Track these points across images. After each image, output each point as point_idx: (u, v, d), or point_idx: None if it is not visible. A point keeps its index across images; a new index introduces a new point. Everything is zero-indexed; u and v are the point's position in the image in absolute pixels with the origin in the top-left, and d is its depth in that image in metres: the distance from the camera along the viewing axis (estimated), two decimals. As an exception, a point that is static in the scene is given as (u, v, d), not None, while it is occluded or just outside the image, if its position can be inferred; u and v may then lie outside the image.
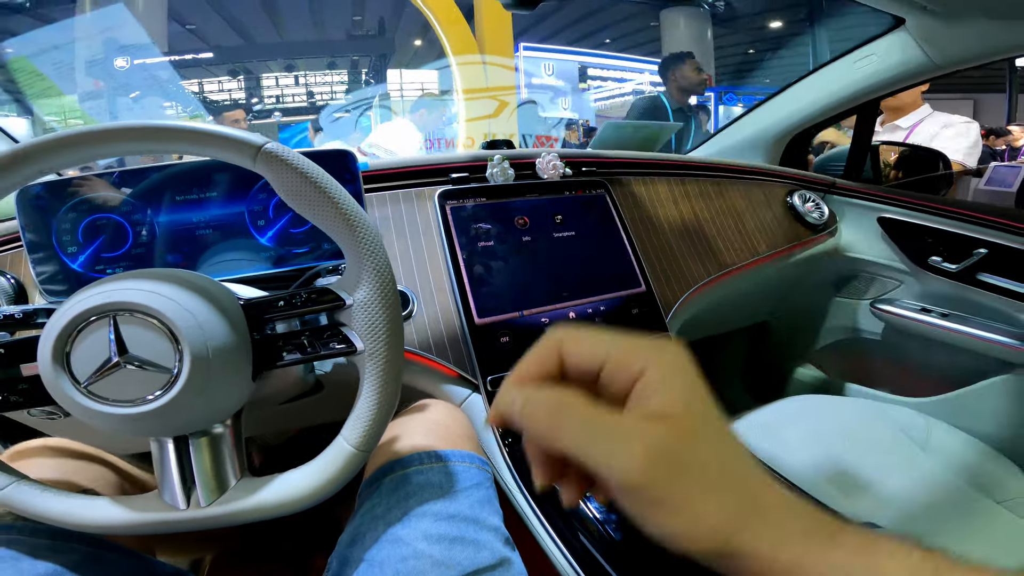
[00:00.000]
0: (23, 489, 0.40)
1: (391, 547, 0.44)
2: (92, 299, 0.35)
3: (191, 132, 0.38)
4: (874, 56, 1.03)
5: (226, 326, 0.38)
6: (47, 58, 2.74)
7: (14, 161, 0.37)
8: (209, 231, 0.62)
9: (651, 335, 0.26)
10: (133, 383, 0.35)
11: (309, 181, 0.38)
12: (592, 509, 0.58)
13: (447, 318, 0.71)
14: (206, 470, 0.40)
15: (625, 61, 7.30)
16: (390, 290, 0.40)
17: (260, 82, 7.14)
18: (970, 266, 1.01)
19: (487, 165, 0.81)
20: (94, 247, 0.61)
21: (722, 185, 1.04)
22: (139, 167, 0.62)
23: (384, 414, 0.41)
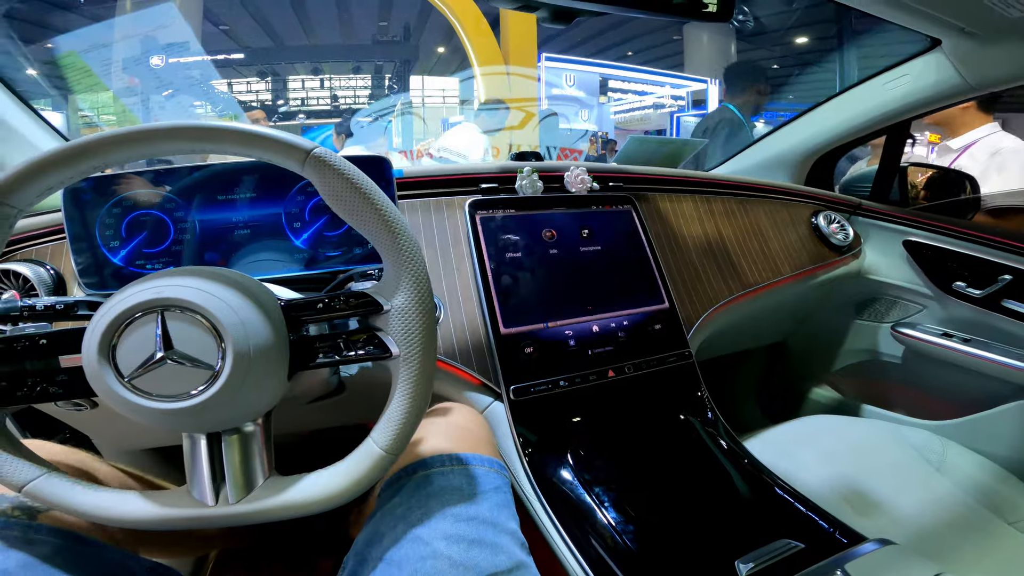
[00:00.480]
0: (53, 481, 0.40)
1: (410, 546, 0.45)
2: (142, 294, 0.36)
3: (243, 134, 0.39)
4: (907, 77, 1.02)
5: (267, 326, 0.39)
6: (96, 55, 2.82)
7: (73, 155, 0.38)
8: (246, 231, 0.64)
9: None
10: (175, 379, 0.36)
11: (355, 187, 0.39)
12: (608, 517, 0.58)
13: (473, 327, 0.72)
14: (235, 468, 0.40)
15: (646, 74, 7.29)
16: (427, 298, 0.41)
17: (287, 84, 7.26)
18: (994, 292, 0.99)
19: (516, 176, 0.83)
20: (136, 242, 0.63)
21: (747, 204, 1.04)
22: (179, 166, 0.64)
23: (414, 419, 0.41)
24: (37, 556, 0.41)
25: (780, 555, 0.53)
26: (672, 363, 0.79)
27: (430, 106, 4.13)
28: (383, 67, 7.53)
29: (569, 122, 4.86)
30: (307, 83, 7.20)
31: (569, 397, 0.72)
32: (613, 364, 0.75)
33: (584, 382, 0.73)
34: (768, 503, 0.63)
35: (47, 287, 0.65)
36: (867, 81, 1.10)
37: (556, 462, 0.65)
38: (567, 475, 0.64)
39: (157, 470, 0.96)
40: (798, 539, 0.55)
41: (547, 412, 0.70)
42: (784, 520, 0.60)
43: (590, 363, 0.74)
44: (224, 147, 0.39)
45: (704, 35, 6.79)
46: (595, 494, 0.61)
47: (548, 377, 0.71)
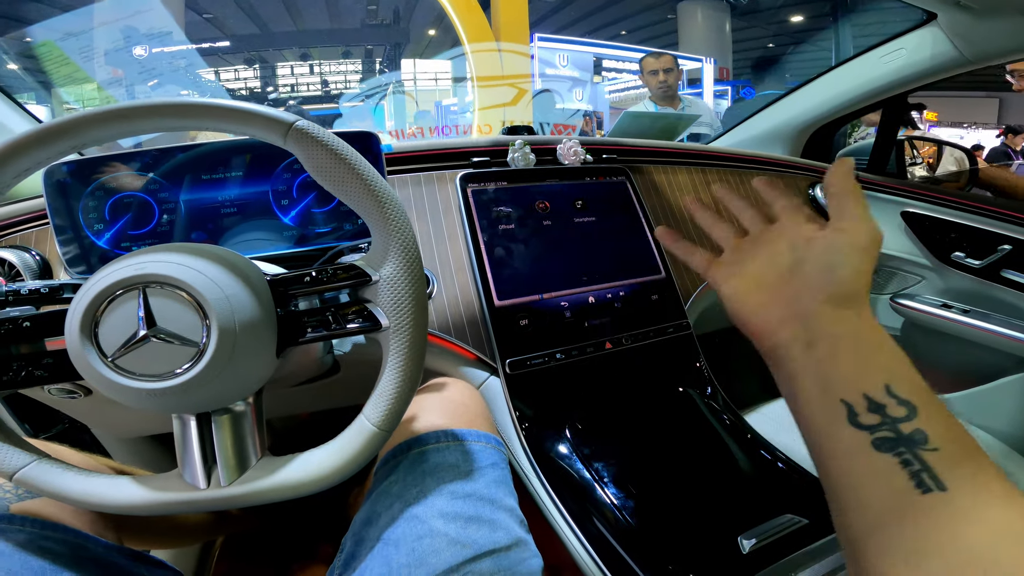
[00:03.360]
0: (44, 468, 0.39)
1: (407, 525, 0.44)
2: (122, 271, 0.35)
3: (224, 109, 0.38)
4: (903, 50, 1.01)
5: (253, 301, 0.38)
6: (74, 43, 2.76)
7: (48, 136, 0.37)
8: (233, 210, 0.63)
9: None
10: (160, 357, 0.35)
11: (339, 158, 0.38)
12: (608, 493, 0.58)
13: (467, 300, 0.71)
14: (227, 449, 0.40)
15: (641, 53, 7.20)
16: (416, 267, 0.40)
17: (275, 71, 7.16)
18: (994, 262, 0.99)
19: (508, 150, 0.81)
20: (120, 224, 0.62)
21: (743, 175, 1.03)
22: (166, 147, 0.62)
23: (407, 393, 0.41)
24: (11, 543, 0.41)
25: (783, 530, 0.53)
26: (670, 334, 0.78)
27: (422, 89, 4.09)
28: (373, 51, 7.43)
29: (563, 101, 4.81)
30: (296, 69, 7.10)
31: (566, 370, 0.71)
32: (610, 336, 0.75)
33: (581, 354, 0.72)
34: (770, 478, 0.63)
35: (33, 272, 0.64)
36: (863, 55, 1.09)
37: (554, 437, 0.65)
38: (565, 450, 0.63)
39: (158, 458, 0.96)
40: (801, 514, 0.55)
41: (544, 386, 0.69)
42: (787, 495, 0.60)
43: (587, 335, 0.74)
44: (205, 123, 0.38)
45: (698, 13, 6.70)
46: (594, 469, 0.61)
47: (544, 350, 0.70)
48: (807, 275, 0.32)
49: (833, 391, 0.29)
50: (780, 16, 7.44)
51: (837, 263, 0.32)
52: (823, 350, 0.30)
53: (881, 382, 0.28)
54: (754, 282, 0.36)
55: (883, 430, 0.26)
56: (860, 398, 0.28)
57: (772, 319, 0.33)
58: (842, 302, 0.31)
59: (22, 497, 0.45)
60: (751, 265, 0.36)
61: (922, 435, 0.26)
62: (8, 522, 0.42)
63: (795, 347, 0.31)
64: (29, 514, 0.43)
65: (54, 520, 0.44)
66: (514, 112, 3.21)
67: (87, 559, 0.44)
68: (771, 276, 0.35)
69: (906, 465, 0.25)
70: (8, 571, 0.39)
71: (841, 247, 0.32)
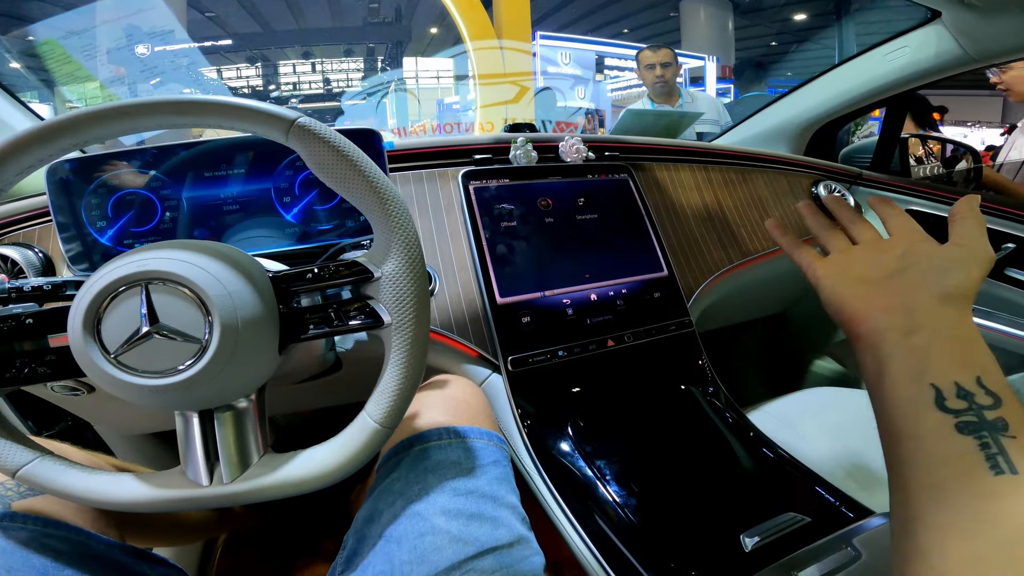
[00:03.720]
0: (47, 465, 0.39)
1: (409, 522, 0.44)
2: (125, 267, 0.35)
3: (226, 106, 0.38)
4: (907, 48, 1.01)
5: (255, 297, 0.38)
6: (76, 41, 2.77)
7: (50, 133, 0.37)
8: (236, 207, 0.63)
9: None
10: (163, 353, 0.35)
11: (341, 155, 0.38)
12: (610, 491, 0.58)
13: (469, 297, 0.71)
14: (229, 446, 0.40)
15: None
16: (418, 263, 0.40)
17: (277, 69, 7.16)
18: (998, 261, 0.99)
19: (510, 147, 0.81)
20: (123, 222, 0.62)
21: (746, 173, 1.03)
22: (169, 144, 0.62)
23: (409, 389, 0.40)
24: (13, 541, 0.41)
25: (786, 529, 0.53)
26: (672, 332, 0.78)
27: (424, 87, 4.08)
28: (375, 49, 7.42)
29: (565, 99, 4.81)
30: (298, 68, 7.10)
31: (568, 367, 0.71)
32: (612, 333, 0.74)
33: (583, 352, 0.72)
34: (772, 476, 0.63)
35: (36, 269, 0.65)
36: (867, 52, 1.09)
37: (556, 434, 0.65)
38: (567, 447, 0.63)
39: (160, 455, 0.96)
40: (804, 513, 0.55)
41: (546, 383, 0.69)
42: (789, 493, 0.60)
43: (589, 332, 0.73)
44: (207, 120, 0.38)
45: (701, 11, 6.68)
46: (596, 467, 0.61)
47: (546, 347, 0.70)
48: (919, 274, 0.35)
49: (925, 376, 0.31)
50: (783, 14, 7.42)
51: (951, 268, 0.34)
52: (922, 338, 0.32)
53: (973, 374, 0.30)
54: (857, 278, 0.38)
55: (968, 415, 0.28)
56: (951, 384, 0.30)
57: (875, 306, 0.35)
58: (949, 301, 0.33)
59: (24, 495, 0.45)
60: (856, 267, 0.39)
61: (1004, 423, 0.28)
62: (10, 520, 0.42)
63: (893, 333, 0.33)
64: (31, 512, 0.43)
65: (56, 518, 0.44)
66: (516, 110, 3.21)
67: (89, 557, 0.44)
68: (877, 275, 0.37)
69: (984, 448, 0.27)
70: (10, 569, 0.39)
71: (957, 256, 0.35)
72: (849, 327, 0.36)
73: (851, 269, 0.39)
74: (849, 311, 0.36)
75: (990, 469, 0.26)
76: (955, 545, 0.26)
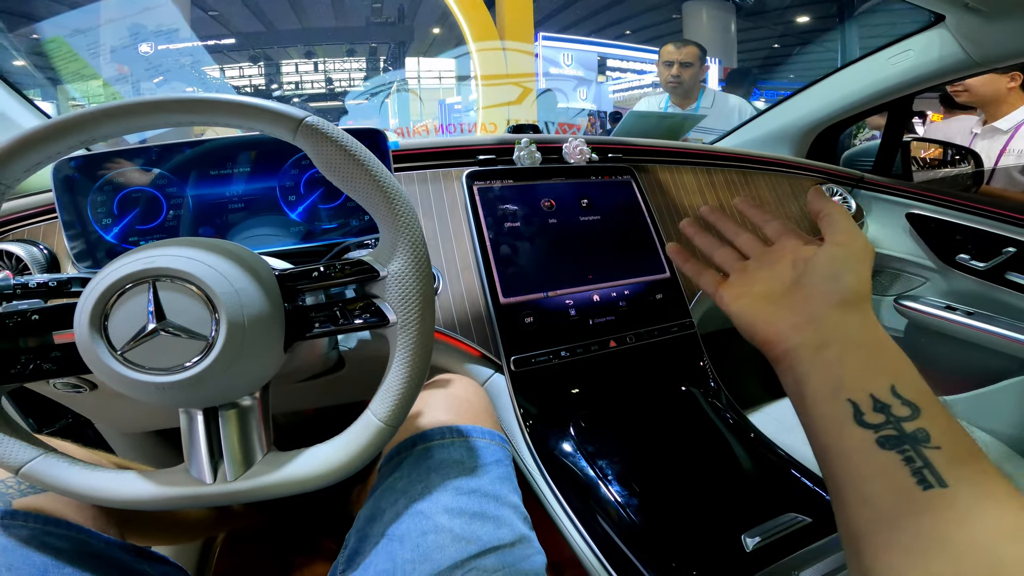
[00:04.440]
0: (50, 462, 0.39)
1: (412, 521, 0.45)
2: (133, 264, 0.35)
3: (234, 105, 0.38)
4: (911, 52, 1.01)
5: (262, 295, 0.38)
6: (82, 39, 2.77)
7: (59, 130, 0.37)
8: (241, 205, 0.63)
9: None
10: (169, 350, 0.35)
11: (348, 154, 0.38)
12: (612, 491, 0.58)
13: (472, 297, 0.71)
14: (233, 444, 0.40)
15: (645, 53, 7.19)
16: (424, 263, 0.40)
17: (280, 68, 7.16)
18: (999, 265, 0.99)
19: (514, 148, 0.81)
20: (128, 219, 0.62)
21: (749, 176, 1.03)
22: (174, 142, 0.63)
23: (413, 388, 0.41)
24: (14, 538, 0.41)
25: (787, 529, 0.53)
26: (674, 333, 0.78)
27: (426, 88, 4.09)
28: (378, 49, 7.42)
29: (568, 100, 4.82)
30: (301, 67, 7.10)
31: (570, 368, 0.71)
32: (614, 334, 0.75)
33: (585, 352, 0.72)
34: (773, 476, 0.63)
35: (40, 266, 0.65)
36: (870, 56, 1.09)
37: (558, 434, 0.65)
38: (569, 447, 0.64)
39: (161, 454, 0.97)
40: (804, 513, 0.55)
41: (548, 383, 0.69)
42: (789, 494, 0.60)
43: (591, 333, 0.74)
44: (216, 119, 0.38)
45: (704, 13, 6.68)
46: (598, 467, 0.61)
47: (549, 347, 0.71)
48: (814, 285, 0.34)
49: (841, 392, 0.30)
50: (786, 17, 7.41)
51: (840, 272, 0.34)
52: (832, 353, 0.31)
53: (887, 383, 0.29)
54: (762, 298, 0.37)
55: (887, 428, 0.27)
56: (866, 398, 0.29)
57: (783, 326, 0.34)
58: (849, 306, 0.32)
59: (25, 493, 0.45)
60: (757, 286, 0.38)
61: (924, 434, 0.27)
62: (11, 518, 0.42)
63: (805, 350, 0.32)
64: (32, 510, 0.44)
65: (57, 516, 0.44)
66: (518, 111, 3.22)
67: (90, 555, 0.44)
68: (778, 291, 0.36)
69: (909, 462, 0.26)
70: (10, 566, 0.39)
71: (842, 258, 0.34)
72: (766, 350, 0.36)
73: (753, 289, 0.38)
74: (761, 336, 0.36)
75: (918, 484, 0.25)
76: (901, 565, 0.25)
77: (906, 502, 0.25)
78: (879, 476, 0.27)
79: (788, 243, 0.38)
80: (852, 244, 0.35)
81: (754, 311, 0.37)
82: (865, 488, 0.27)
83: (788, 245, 0.38)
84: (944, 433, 0.27)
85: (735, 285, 0.40)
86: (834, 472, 0.29)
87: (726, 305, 0.39)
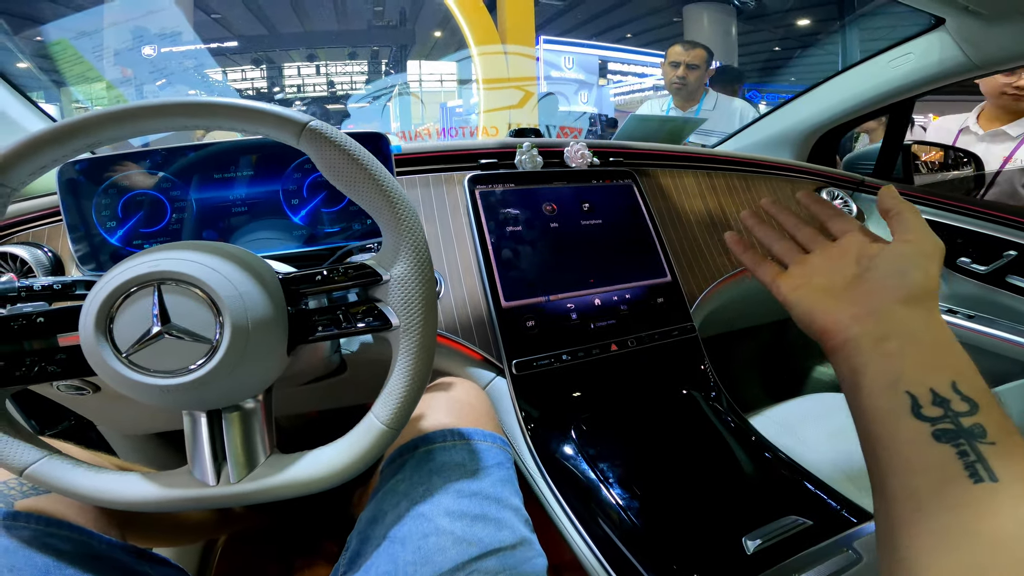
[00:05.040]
0: (54, 464, 0.39)
1: (413, 523, 0.45)
2: (138, 268, 0.35)
3: (239, 108, 0.38)
4: (911, 55, 1.02)
5: (265, 298, 0.38)
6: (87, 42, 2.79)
7: (65, 134, 0.37)
8: (244, 209, 0.63)
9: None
10: (173, 353, 0.35)
11: (351, 158, 0.38)
12: (613, 494, 0.58)
13: (474, 301, 0.72)
14: (237, 446, 0.40)
15: (646, 56, 7.20)
16: (426, 267, 0.41)
17: (282, 71, 7.18)
18: (1000, 268, 0.99)
19: (515, 152, 0.82)
20: (132, 222, 0.62)
21: (749, 180, 1.03)
22: (178, 146, 0.63)
23: (416, 392, 0.41)
24: (16, 540, 0.41)
25: (787, 532, 0.53)
26: (675, 337, 0.78)
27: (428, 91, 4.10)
28: (379, 52, 7.44)
29: (569, 103, 4.83)
30: (303, 70, 7.12)
31: (572, 371, 0.71)
32: (616, 338, 0.75)
33: (587, 356, 0.72)
34: (774, 480, 0.63)
35: (45, 269, 0.65)
36: (870, 59, 1.09)
37: (559, 438, 0.65)
38: (570, 451, 0.64)
39: (164, 456, 0.97)
40: (805, 516, 0.55)
41: (550, 387, 0.70)
42: (791, 497, 0.60)
43: (592, 337, 0.74)
44: (219, 122, 0.39)
45: (704, 16, 6.69)
46: (599, 470, 0.61)
47: (550, 351, 0.71)
48: (879, 279, 0.35)
49: (900, 384, 0.30)
50: (787, 20, 7.42)
51: (909, 268, 0.34)
52: (894, 345, 0.32)
53: (948, 379, 0.29)
54: (821, 290, 0.38)
55: (944, 422, 0.28)
56: (926, 392, 0.29)
57: (844, 316, 0.35)
58: (915, 302, 0.33)
59: (27, 494, 0.45)
60: (817, 278, 0.39)
61: (981, 429, 0.27)
62: (13, 519, 0.42)
63: (865, 341, 0.33)
64: (34, 511, 0.44)
65: (58, 517, 0.44)
66: (520, 115, 3.22)
67: (91, 556, 0.44)
68: (839, 284, 0.37)
69: (962, 456, 0.27)
70: (12, 568, 0.39)
71: (911, 255, 0.35)
72: (823, 340, 0.36)
73: (813, 281, 0.38)
74: (820, 325, 0.36)
75: (969, 478, 0.26)
76: (938, 556, 0.25)
77: (955, 495, 0.26)
78: (930, 469, 0.27)
79: (854, 239, 0.39)
80: (923, 242, 0.35)
81: (812, 301, 0.37)
82: (914, 480, 0.28)
83: (854, 241, 0.39)
84: (1000, 430, 0.27)
85: (794, 276, 0.40)
86: (882, 463, 0.30)
87: (783, 295, 0.40)
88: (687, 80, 2.03)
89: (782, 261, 0.43)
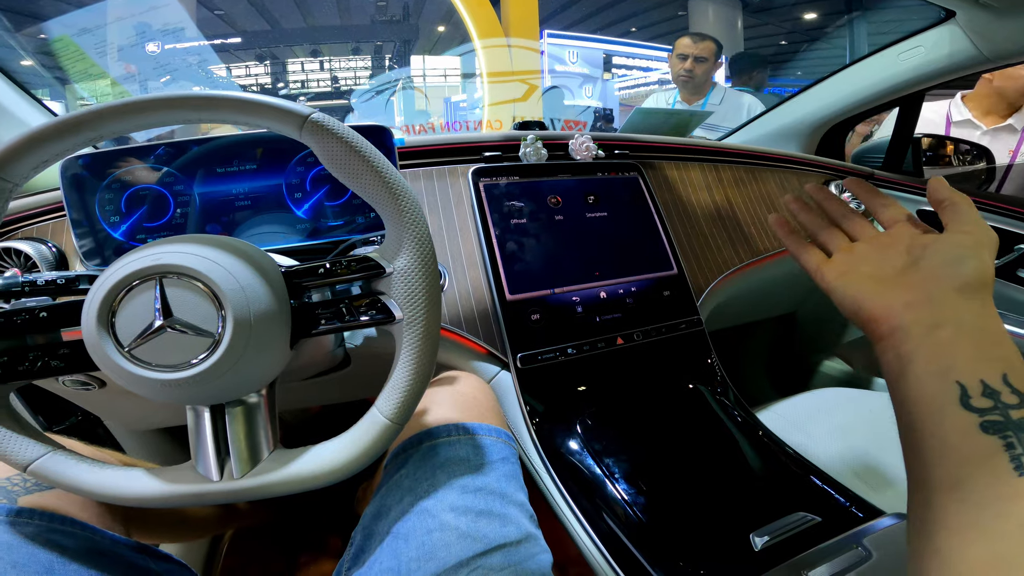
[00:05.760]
0: (59, 459, 0.39)
1: (417, 519, 0.45)
2: (140, 261, 0.35)
3: (240, 101, 0.38)
4: (921, 48, 1.00)
5: (268, 292, 0.38)
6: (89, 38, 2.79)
7: (68, 128, 0.37)
8: (247, 203, 0.63)
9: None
10: (176, 347, 0.35)
11: (354, 150, 0.38)
12: (619, 489, 0.58)
13: (478, 294, 0.71)
14: (240, 441, 0.40)
15: (651, 50, 7.16)
16: (430, 259, 0.40)
17: (286, 67, 7.18)
18: (1011, 262, 0.98)
19: (520, 145, 0.81)
20: (136, 217, 0.62)
21: (757, 172, 1.02)
22: (181, 140, 0.63)
23: (419, 385, 0.40)
24: (20, 536, 0.41)
25: (796, 528, 0.53)
26: (682, 330, 0.78)
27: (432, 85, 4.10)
28: (383, 47, 7.43)
29: (573, 97, 4.82)
30: (306, 66, 7.12)
31: (577, 365, 0.71)
32: (622, 331, 0.74)
33: (592, 349, 0.72)
34: (782, 475, 0.62)
35: (49, 264, 0.65)
36: (880, 52, 1.08)
37: (564, 432, 0.65)
38: (575, 445, 0.63)
39: (170, 452, 0.97)
40: (814, 512, 0.55)
41: (555, 381, 0.69)
42: (799, 493, 0.59)
43: (598, 330, 0.73)
44: (220, 115, 0.38)
45: (710, 10, 6.64)
46: (605, 465, 0.61)
47: (555, 345, 0.70)
48: (934, 268, 0.34)
49: (950, 373, 0.30)
50: (794, 13, 7.36)
51: (964, 256, 0.33)
52: (946, 334, 0.31)
53: (999, 371, 0.29)
54: (869, 278, 0.37)
55: (993, 414, 0.28)
56: (976, 383, 0.29)
57: (896, 303, 0.34)
58: (970, 292, 0.32)
59: (30, 490, 0.45)
60: (865, 267, 0.38)
61: None
62: (17, 515, 0.42)
63: (917, 328, 0.32)
64: (38, 507, 0.44)
65: (62, 513, 0.44)
66: (524, 108, 3.21)
67: (95, 552, 0.44)
68: (888, 273, 0.36)
69: (1009, 448, 0.26)
70: (16, 564, 0.39)
71: (967, 244, 0.34)
72: (871, 328, 0.36)
73: (861, 268, 0.38)
74: (868, 311, 0.35)
75: (1015, 470, 0.26)
76: (976, 546, 0.25)
77: (998, 486, 0.26)
78: (975, 460, 0.27)
79: (905, 230, 0.38)
80: (978, 233, 0.34)
81: (860, 288, 0.37)
82: (958, 470, 0.28)
83: (905, 231, 0.38)
84: None
85: (840, 264, 0.40)
86: (925, 453, 0.30)
87: (828, 282, 0.39)
88: (694, 72, 2.01)
89: (826, 248, 0.42)
